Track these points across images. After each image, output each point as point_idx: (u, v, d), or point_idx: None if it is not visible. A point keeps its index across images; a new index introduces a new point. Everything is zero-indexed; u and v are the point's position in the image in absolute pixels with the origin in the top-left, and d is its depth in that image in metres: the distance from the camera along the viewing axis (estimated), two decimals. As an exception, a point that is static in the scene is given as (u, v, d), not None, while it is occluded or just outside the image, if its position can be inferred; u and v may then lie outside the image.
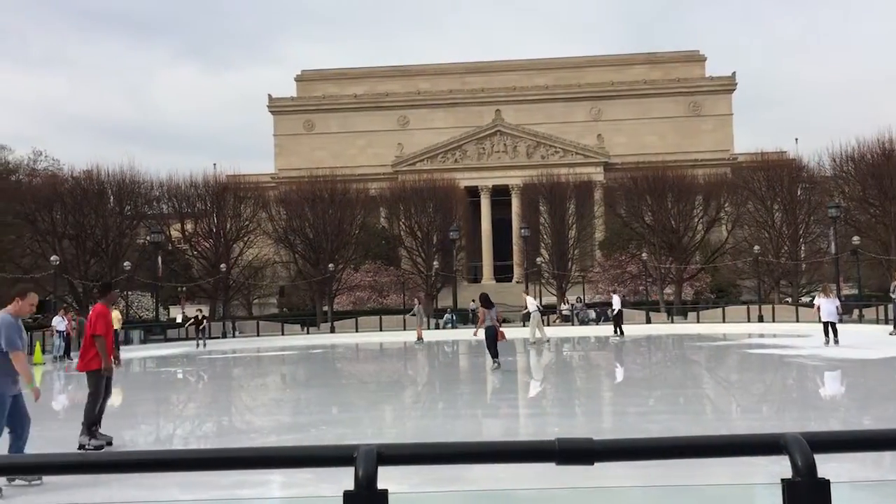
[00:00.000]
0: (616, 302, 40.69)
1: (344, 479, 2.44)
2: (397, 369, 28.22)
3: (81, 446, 11.18)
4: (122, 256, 57.61)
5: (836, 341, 28.07)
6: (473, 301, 52.52)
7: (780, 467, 2.44)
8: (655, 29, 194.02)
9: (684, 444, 2.40)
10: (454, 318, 55.70)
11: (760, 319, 47.89)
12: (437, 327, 52.44)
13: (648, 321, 52.30)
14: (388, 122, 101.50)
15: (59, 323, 33.63)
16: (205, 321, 43.08)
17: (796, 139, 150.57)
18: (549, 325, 54.48)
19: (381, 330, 50.90)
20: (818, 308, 30.29)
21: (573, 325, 54.07)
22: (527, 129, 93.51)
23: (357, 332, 50.84)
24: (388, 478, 2.46)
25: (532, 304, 34.55)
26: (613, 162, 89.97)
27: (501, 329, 22.69)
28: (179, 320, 57.13)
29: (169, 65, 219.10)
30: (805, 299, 57.55)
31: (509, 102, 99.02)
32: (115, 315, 33.37)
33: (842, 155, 63.61)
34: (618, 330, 39.56)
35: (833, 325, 28.70)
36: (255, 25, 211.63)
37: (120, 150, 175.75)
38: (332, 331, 53.11)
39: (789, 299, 61.73)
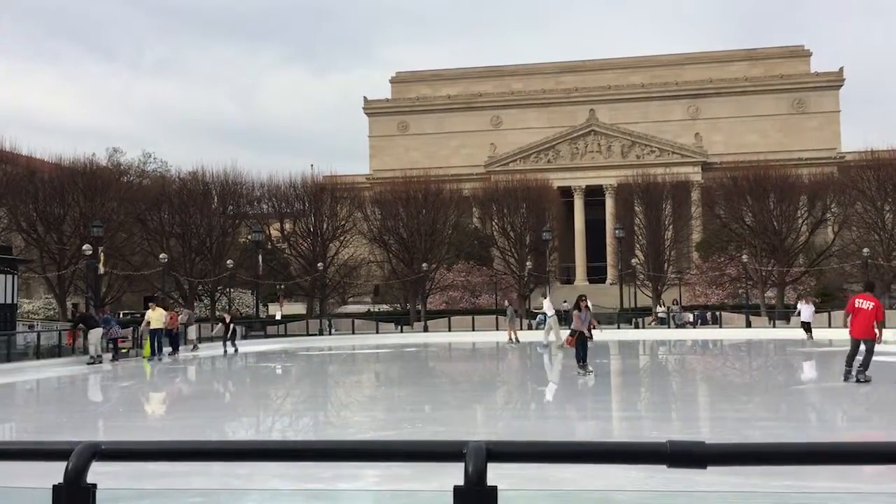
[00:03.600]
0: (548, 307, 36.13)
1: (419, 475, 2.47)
2: (489, 369, 28.26)
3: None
4: (224, 255, 59.68)
5: (811, 338, 36.56)
6: (565, 301, 52.06)
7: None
8: (756, 24, 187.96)
9: (801, 451, 2.34)
10: (546, 318, 55.26)
11: (869, 325, 45.77)
12: (529, 328, 52.22)
13: (748, 325, 50.82)
14: (481, 122, 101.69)
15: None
16: (232, 324, 36.11)
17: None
18: (644, 327, 53.62)
19: (473, 330, 51.04)
20: (799, 312, 39.48)
21: (669, 327, 52.97)
22: (621, 128, 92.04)
23: (450, 331, 51.15)
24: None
25: (549, 308, 34.39)
26: (712, 161, 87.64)
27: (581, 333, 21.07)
28: (278, 317, 58.76)
29: (275, 68, 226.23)
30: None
31: (603, 101, 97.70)
32: (157, 314, 31.05)
33: (960, 152, 60.25)
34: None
35: (809, 325, 37.69)
36: (355, 29, 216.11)
37: (225, 152, 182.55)
38: (426, 330, 53.64)
39: (901, 304, 58.62)
